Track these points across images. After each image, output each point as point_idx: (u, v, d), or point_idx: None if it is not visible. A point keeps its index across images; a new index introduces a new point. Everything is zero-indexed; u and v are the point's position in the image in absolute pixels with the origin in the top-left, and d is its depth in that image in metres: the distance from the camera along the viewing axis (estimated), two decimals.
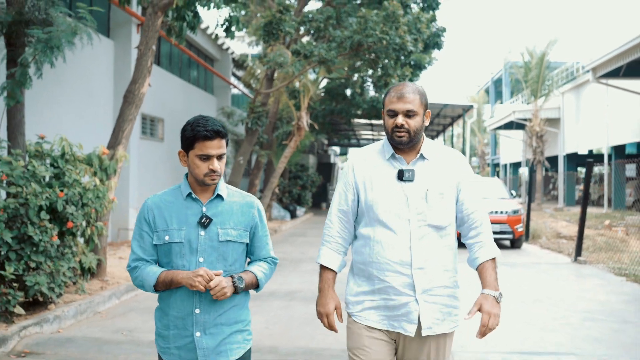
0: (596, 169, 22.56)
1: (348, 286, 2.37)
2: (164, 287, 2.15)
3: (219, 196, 2.23)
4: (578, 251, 10.15)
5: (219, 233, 2.17)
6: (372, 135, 34.30)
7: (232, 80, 20.88)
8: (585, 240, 12.09)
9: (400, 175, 2.25)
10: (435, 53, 16.86)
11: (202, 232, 2.16)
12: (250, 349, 2.27)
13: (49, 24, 5.63)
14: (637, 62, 17.24)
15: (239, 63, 20.28)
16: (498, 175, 43.37)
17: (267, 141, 15.99)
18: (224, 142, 2.17)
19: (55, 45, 5.07)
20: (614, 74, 18.38)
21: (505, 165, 40.65)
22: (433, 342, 2.25)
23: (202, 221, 2.16)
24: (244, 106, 20.12)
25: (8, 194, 5.31)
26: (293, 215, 20.08)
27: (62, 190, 5.67)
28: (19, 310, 4.93)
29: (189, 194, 2.20)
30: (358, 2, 14.43)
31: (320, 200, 28.09)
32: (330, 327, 2.33)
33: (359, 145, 39.70)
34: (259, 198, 15.35)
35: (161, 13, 7.40)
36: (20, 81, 5.18)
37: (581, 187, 28.57)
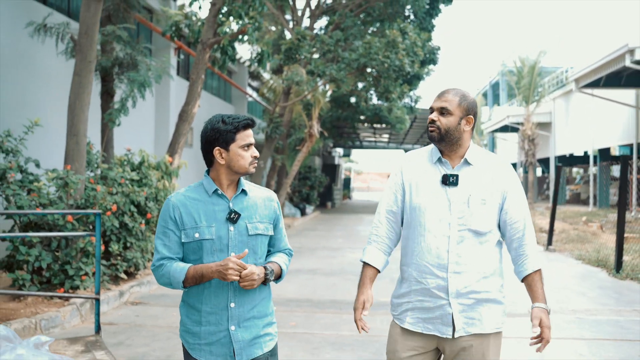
0: (592, 169, 24.36)
1: (395, 288, 2.42)
2: (193, 282, 2.14)
3: (243, 191, 2.24)
4: (549, 241, 12.02)
5: (247, 227, 2.19)
6: (375, 137, 36.18)
7: (247, 89, 22.82)
8: (561, 233, 14.01)
9: (445, 180, 2.27)
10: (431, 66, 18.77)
11: (232, 228, 2.17)
12: (276, 342, 2.31)
13: (135, 66, 7.56)
14: (615, 73, 19.03)
15: (254, 74, 22.22)
16: None
17: (281, 147, 17.91)
18: None
19: (147, 84, 6.99)
20: (595, 84, 20.04)
21: None
22: (476, 342, 2.25)
23: (231, 217, 2.17)
24: (264, 117, 22.08)
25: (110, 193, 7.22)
26: (303, 213, 21.85)
27: (144, 190, 7.59)
28: (123, 275, 6.83)
29: (215, 191, 2.20)
30: (361, 16, 16.31)
31: (325, 199, 29.90)
32: (355, 321, 2.31)
33: (362, 147, 41.62)
34: None
35: (209, 49, 9.32)
36: (120, 110, 7.10)
37: (571, 186, 30.50)
